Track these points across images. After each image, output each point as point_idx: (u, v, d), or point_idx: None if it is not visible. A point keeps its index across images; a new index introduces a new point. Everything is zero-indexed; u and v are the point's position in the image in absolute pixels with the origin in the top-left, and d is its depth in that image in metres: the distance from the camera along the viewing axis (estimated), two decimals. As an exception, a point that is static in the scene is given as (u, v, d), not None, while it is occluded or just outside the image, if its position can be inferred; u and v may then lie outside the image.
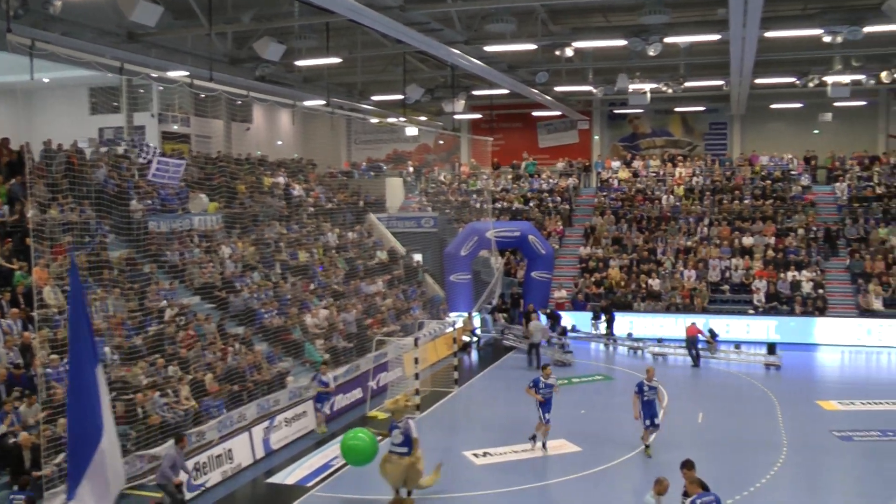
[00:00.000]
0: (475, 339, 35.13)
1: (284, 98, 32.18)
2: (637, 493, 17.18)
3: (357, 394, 25.65)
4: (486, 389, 28.73)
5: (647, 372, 20.89)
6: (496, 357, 33.31)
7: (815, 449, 21.52)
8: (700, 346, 32.19)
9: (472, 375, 30.56)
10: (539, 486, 18.59)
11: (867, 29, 26.55)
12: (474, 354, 34.41)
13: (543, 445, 21.17)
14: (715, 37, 27.82)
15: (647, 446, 20.50)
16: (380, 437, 18.36)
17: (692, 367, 31.61)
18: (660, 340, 34.50)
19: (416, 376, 24.79)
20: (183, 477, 16.99)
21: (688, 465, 13.45)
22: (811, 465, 20.46)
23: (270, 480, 19.30)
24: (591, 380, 29.40)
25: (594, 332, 36.25)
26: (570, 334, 35.16)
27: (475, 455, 20.54)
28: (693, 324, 32.79)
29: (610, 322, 35.94)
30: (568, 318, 36.82)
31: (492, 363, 32.54)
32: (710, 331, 33.38)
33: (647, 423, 20.28)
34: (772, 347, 32.38)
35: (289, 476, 19.38)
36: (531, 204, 46.22)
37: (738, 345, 33.83)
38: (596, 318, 36.41)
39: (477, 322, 35.89)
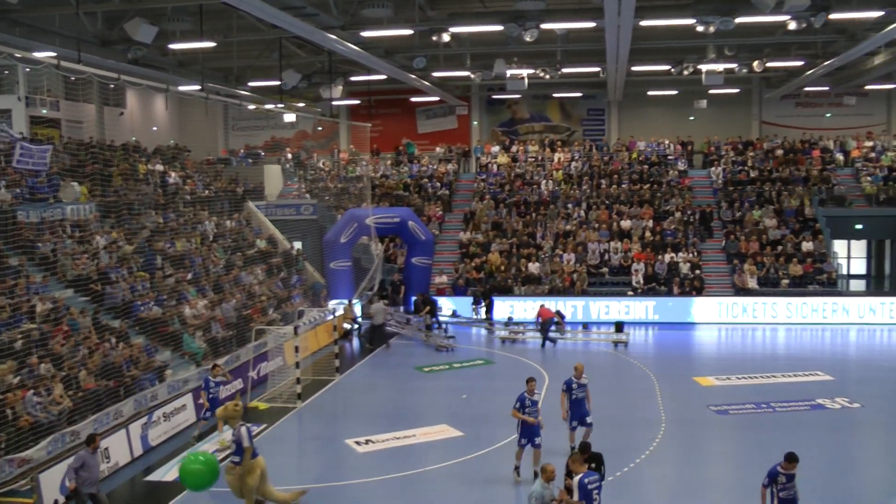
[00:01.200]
0: (356, 326, 34.87)
1: (158, 82, 31.36)
2: (520, 477, 17.32)
3: (237, 384, 25.18)
4: (367, 376, 28.55)
5: (575, 369, 18.99)
6: (378, 344, 33.13)
7: (692, 424, 22.00)
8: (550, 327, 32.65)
9: (354, 363, 30.33)
10: (421, 471, 18.49)
11: (738, 20, 27.25)
12: (356, 342, 34.18)
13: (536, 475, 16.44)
14: (591, 24, 28.18)
15: (573, 448, 18.55)
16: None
17: (541, 348, 32.05)
18: (507, 323, 35.09)
19: (297, 365, 24.49)
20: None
21: (582, 449, 14.07)
22: (689, 439, 20.92)
23: (149, 478, 18.68)
24: (473, 364, 29.45)
25: (474, 317, 36.38)
26: (450, 319, 35.35)
27: (357, 443, 20.34)
28: (543, 305, 33.33)
29: (489, 307, 36.12)
30: (448, 304, 36.97)
31: (374, 350, 32.34)
32: (558, 312, 33.77)
33: (575, 423, 18.59)
34: (619, 326, 33.14)
35: (167, 473, 18.81)
36: (411, 190, 46.13)
37: (585, 325, 34.77)
38: (476, 303, 36.56)
39: (358, 309, 35.61)
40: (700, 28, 27.45)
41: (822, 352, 32.64)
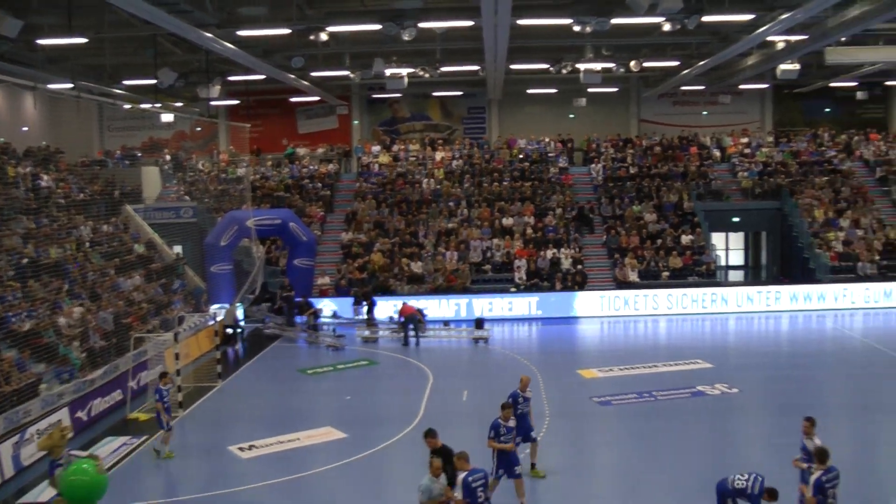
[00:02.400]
0: (239, 330, 34.24)
1: (26, 79, 30.21)
2: (406, 476, 17.20)
3: (117, 395, 24.46)
4: (250, 381, 28.04)
5: (521, 381, 17.96)
6: (261, 347, 32.65)
7: (576, 416, 22.30)
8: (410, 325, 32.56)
9: (237, 368, 29.80)
10: (307, 475, 18.28)
11: (614, 20, 27.69)
12: (239, 347, 33.62)
13: None
14: (469, 23, 28.23)
15: (533, 464, 17.79)
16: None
17: (403, 345, 32.04)
18: (368, 323, 34.72)
19: (178, 373, 23.89)
20: None
21: (430, 434, 14.32)
22: (573, 431, 21.17)
23: (22, 501, 17.76)
24: (357, 365, 29.23)
25: (356, 317, 36.08)
26: (331, 321, 35.04)
27: (241, 449, 19.96)
28: (405, 303, 33.36)
29: (371, 307, 35.82)
30: (331, 305, 36.62)
31: (256, 354, 31.86)
32: (419, 310, 33.58)
33: (519, 439, 17.17)
34: (479, 322, 33.25)
35: (42, 493, 17.90)
36: (292, 191, 45.58)
37: (446, 322, 34.73)
38: (357, 303, 36.22)
39: (240, 313, 34.95)
40: (577, 28, 27.77)
41: (702, 340, 33.62)
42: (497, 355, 30.69)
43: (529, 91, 48.34)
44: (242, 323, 34.56)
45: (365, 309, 35.57)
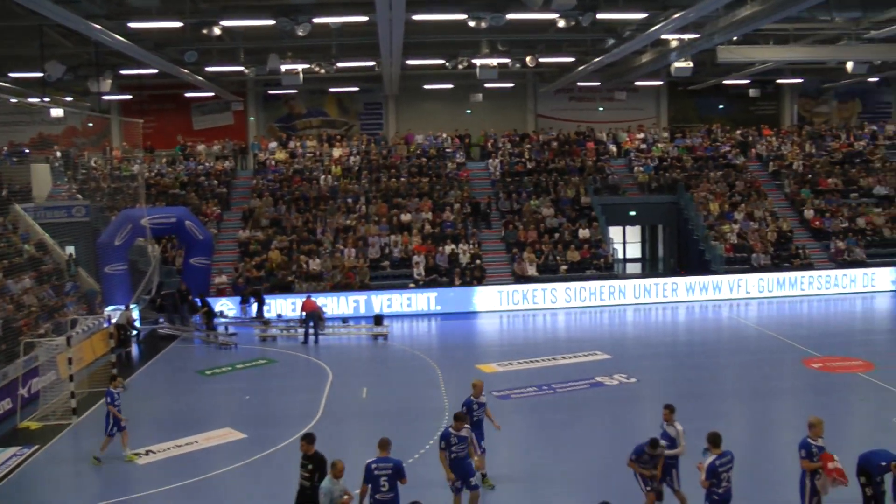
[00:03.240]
0: (134, 332, 33.36)
1: None
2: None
3: (6, 404, 23.51)
4: (147, 384, 27.28)
5: (474, 387, 17.06)
6: (157, 350, 31.95)
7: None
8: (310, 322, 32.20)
9: (133, 371, 29.08)
10: (205, 478, 17.90)
11: (509, 16, 27.82)
12: (134, 349, 32.80)
13: None
14: (363, 18, 28.06)
15: (484, 475, 16.91)
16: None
17: (302, 343, 31.73)
18: (266, 322, 34.37)
19: (71, 378, 23.20)
20: None
21: (306, 439, 13.87)
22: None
23: None
24: (255, 364, 28.81)
25: (244, 316, 35.44)
26: (220, 319, 34.38)
27: (137, 455, 19.50)
28: (309, 297, 33.02)
29: (260, 305, 35.27)
30: (229, 304, 35.99)
31: (153, 356, 31.15)
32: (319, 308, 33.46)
33: (483, 448, 16.83)
34: (378, 319, 33.09)
35: None
36: (187, 188, 44.72)
37: (345, 319, 34.56)
38: (244, 301, 35.59)
39: (136, 314, 34.05)
40: (472, 23, 27.86)
41: (601, 333, 34.04)
42: (396, 352, 30.57)
43: (426, 87, 48.33)
44: (138, 325, 33.71)
45: (254, 307, 35.02)
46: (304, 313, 32.24)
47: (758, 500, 15.51)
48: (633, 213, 45.94)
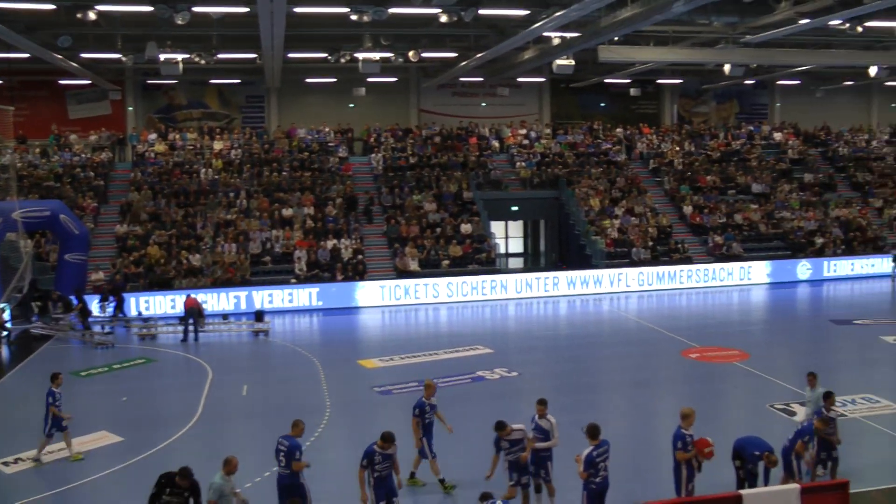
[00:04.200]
0: (5, 333, 31.98)
1: None
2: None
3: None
4: (19, 388, 25.94)
5: (426, 388, 16.67)
6: (30, 350, 30.74)
7: (356, 406, 22.17)
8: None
9: (3, 374, 27.86)
10: (80, 485, 17.29)
11: (392, 10, 27.72)
12: (5, 350, 31.51)
13: None
14: (244, 9, 27.61)
15: (442, 480, 16.42)
16: None
17: (182, 341, 30.97)
18: (146, 319, 33.44)
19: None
20: None
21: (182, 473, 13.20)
22: (354, 422, 21.02)
23: None
24: (133, 364, 28.02)
25: (103, 314, 33.99)
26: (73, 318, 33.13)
27: (5, 464, 18.54)
28: (189, 295, 32.40)
29: (120, 303, 34.13)
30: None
31: (25, 357, 29.95)
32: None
33: (435, 452, 16.39)
34: (259, 315, 32.62)
35: None
36: (63, 180, 43.22)
37: (225, 316, 33.99)
38: (104, 299, 34.20)
39: (6, 314, 32.62)
40: (354, 17, 27.68)
41: (483, 327, 34.19)
42: (277, 348, 30.19)
43: (308, 80, 47.80)
44: (9, 325, 32.37)
45: (114, 306, 33.89)
46: (184, 310, 31.51)
47: (634, 488, 15.72)
48: (515, 209, 46.37)
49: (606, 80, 49.77)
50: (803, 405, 16.64)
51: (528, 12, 29.72)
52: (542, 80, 51.36)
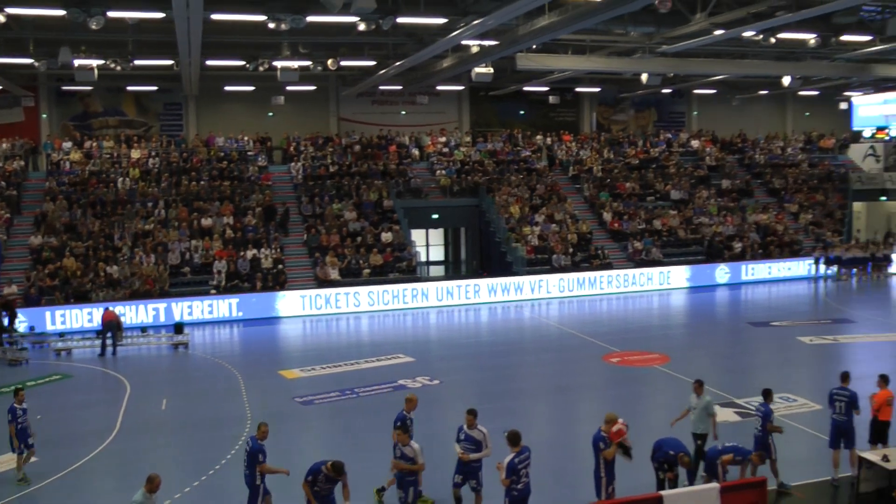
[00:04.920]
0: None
1: None
2: (104, 494, 16.28)
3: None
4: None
5: (407, 402, 16.16)
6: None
7: (278, 417, 21.75)
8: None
9: None
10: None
11: (310, 18, 27.56)
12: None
13: None
14: (160, 14, 27.20)
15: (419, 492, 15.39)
16: None
17: (99, 356, 30.18)
18: (62, 334, 32.38)
19: None
20: None
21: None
22: (276, 433, 20.55)
23: None
24: (49, 381, 27.24)
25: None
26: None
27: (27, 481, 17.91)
28: (108, 308, 31.71)
29: (12, 318, 32.48)
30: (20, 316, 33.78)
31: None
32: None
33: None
34: (179, 327, 32.09)
35: None
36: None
37: (144, 329, 33.35)
38: None
39: None
40: (272, 25, 27.45)
41: (404, 335, 34.10)
42: (197, 360, 29.73)
43: (227, 88, 47.31)
44: None
45: (6, 320, 32.69)
46: (101, 324, 30.78)
47: (555, 493, 15.83)
48: (435, 217, 46.45)
49: (525, 88, 50.14)
50: (689, 411, 16.62)
51: (446, 20, 29.78)
52: (461, 88, 51.57)
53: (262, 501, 14.38)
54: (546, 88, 50.67)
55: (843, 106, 57.98)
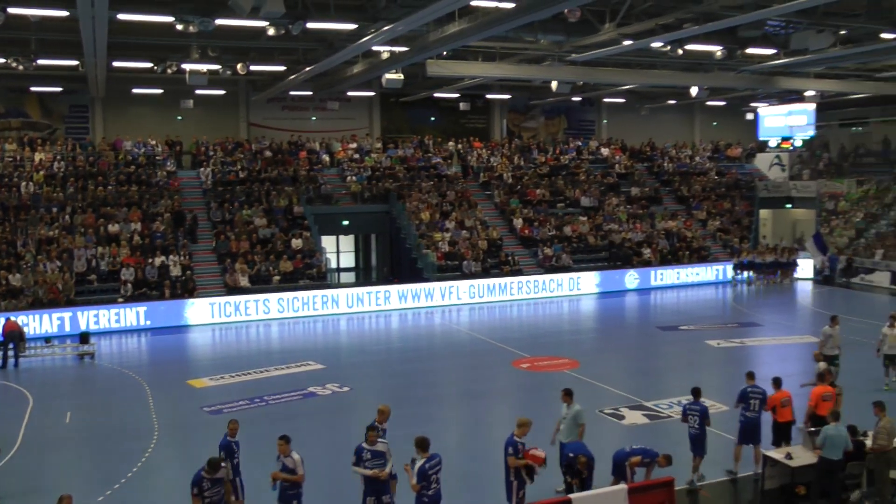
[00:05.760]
0: None
1: None
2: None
3: None
4: None
5: (380, 413, 15.44)
6: None
7: (186, 427, 21.66)
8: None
9: None
10: None
11: (219, 21, 27.22)
12: None
13: None
14: (64, 13, 26.58)
15: None
16: None
17: (0, 368, 29.35)
18: None
19: None
20: None
21: None
22: (183, 443, 20.52)
23: None
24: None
25: None
26: None
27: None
28: (9, 319, 30.79)
29: None
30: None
31: None
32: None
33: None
34: (85, 337, 31.26)
35: None
36: None
37: (48, 339, 32.45)
38: None
39: None
40: (180, 27, 27.03)
41: (314, 343, 33.88)
42: (104, 371, 29.07)
43: (135, 90, 46.33)
44: None
45: None
46: (2, 335, 29.90)
47: (466, 499, 15.88)
48: (346, 223, 46.34)
49: (436, 95, 50.19)
50: (561, 422, 16.32)
51: (356, 26, 29.68)
52: (371, 94, 51.47)
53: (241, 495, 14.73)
54: (457, 95, 50.84)
55: (750, 116, 59.57)
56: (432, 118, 55.80)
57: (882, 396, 18.03)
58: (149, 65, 37.09)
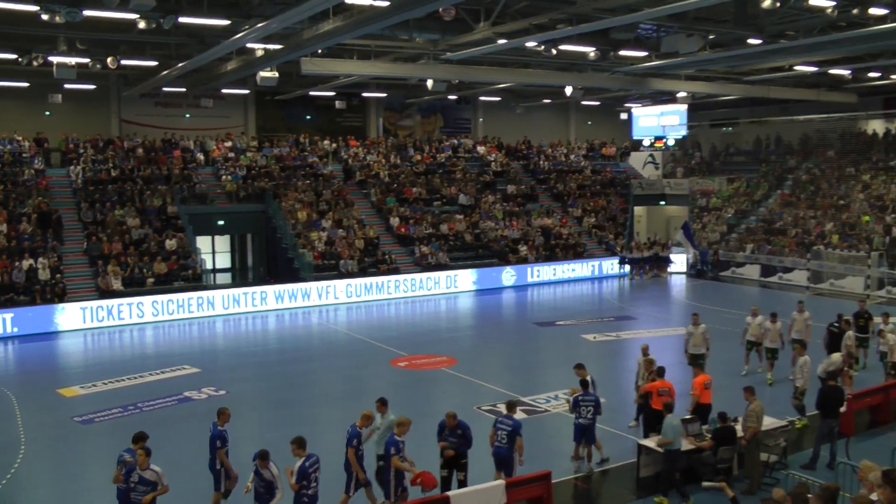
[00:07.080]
0: None
1: None
2: None
3: None
4: None
5: (362, 417, 15.58)
6: None
7: (56, 439, 20.90)
8: None
9: None
10: None
11: (87, 12, 26.47)
12: None
13: None
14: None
15: None
16: None
17: None
18: None
19: None
20: None
21: None
22: (54, 455, 19.83)
23: None
24: None
25: None
26: None
27: None
28: None
29: None
30: None
31: None
32: None
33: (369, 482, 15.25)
34: None
35: None
36: None
37: None
38: None
39: None
40: (46, 17, 26.19)
41: (190, 346, 33.08)
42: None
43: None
44: None
45: None
46: None
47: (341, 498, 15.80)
48: (221, 223, 45.60)
49: (312, 93, 49.95)
50: (374, 433, 15.91)
51: (229, 22, 29.30)
52: (246, 92, 50.90)
53: (226, 484, 14.95)
54: (333, 93, 50.67)
55: (624, 116, 61.02)
56: (308, 116, 55.49)
57: (745, 381, 18.79)
58: (13, 56, 35.72)
